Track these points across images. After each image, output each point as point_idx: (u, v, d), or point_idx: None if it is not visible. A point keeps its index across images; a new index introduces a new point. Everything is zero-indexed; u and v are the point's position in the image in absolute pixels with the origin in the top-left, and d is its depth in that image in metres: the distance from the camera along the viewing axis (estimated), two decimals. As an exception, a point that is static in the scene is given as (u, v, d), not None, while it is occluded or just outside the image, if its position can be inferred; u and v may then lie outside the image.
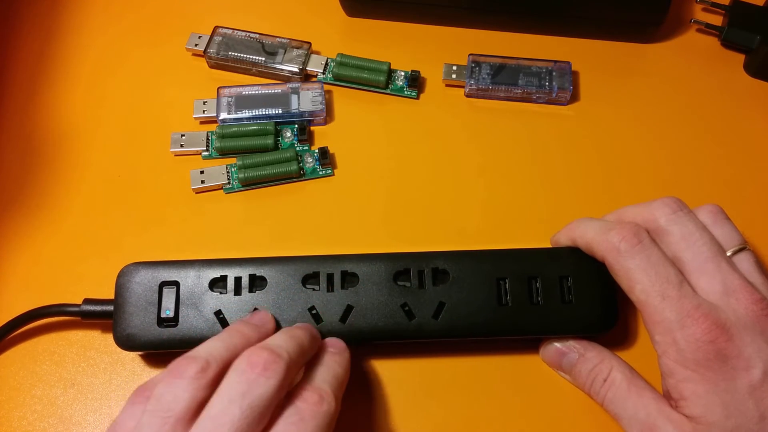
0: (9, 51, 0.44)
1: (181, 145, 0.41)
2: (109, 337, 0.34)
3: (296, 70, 0.42)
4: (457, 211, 0.39)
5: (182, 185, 0.40)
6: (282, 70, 0.43)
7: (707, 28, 0.45)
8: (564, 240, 0.35)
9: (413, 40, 0.45)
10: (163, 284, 0.33)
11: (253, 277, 0.34)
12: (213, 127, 0.41)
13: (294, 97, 0.41)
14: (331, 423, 0.28)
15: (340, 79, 0.43)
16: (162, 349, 0.33)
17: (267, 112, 0.41)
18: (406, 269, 0.34)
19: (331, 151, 0.41)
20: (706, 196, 0.39)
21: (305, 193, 0.40)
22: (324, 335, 0.33)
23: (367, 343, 0.35)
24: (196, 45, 0.43)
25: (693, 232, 0.31)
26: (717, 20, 0.45)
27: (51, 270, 0.38)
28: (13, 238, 0.38)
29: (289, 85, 0.42)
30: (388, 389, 0.35)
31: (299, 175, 0.40)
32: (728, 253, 0.31)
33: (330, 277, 0.34)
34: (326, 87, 0.43)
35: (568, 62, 0.42)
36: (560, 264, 0.34)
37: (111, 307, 0.34)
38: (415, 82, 0.42)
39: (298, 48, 0.43)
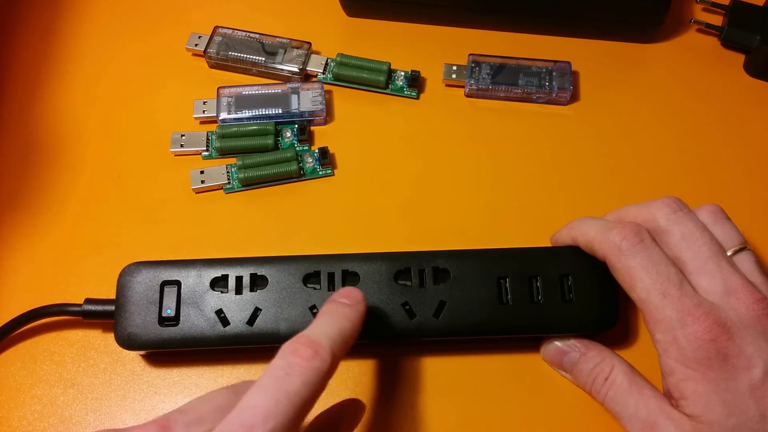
0: (9, 51, 0.44)
1: (181, 145, 0.41)
2: (110, 337, 0.34)
3: (296, 70, 0.42)
4: (458, 211, 0.39)
5: (182, 185, 0.40)
6: (282, 70, 0.43)
7: (707, 28, 0.45)
8: (564, 239, 0.35)
9: (413, 40, 0.45)
10: (165, 283, 0.33)
11: (254, 277, 0.34)
12: (213, 127, 0.41)
13: (294, 97, 0.41)
14: (322, 381, 0.25)
15: (340, 79, 0.43)
16: (163, 348, 0.33)
17: (267, 112, 0.41)
18: (407, 268, 0.34)
19: (331, 151, 0.41)
20: (706, 196, 0.39)
21: (305, 193, 0.40)
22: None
23: (368, 342, 0.35)
24: (196, 45, 0.43)
25: (693, 232, 0.31)
26: (717, 20, 0.45)
27: (51, 270, 0.38)
28: (13, 238, 0.38)
29: (289, 85, 0.42)
30: (388, 388, 0.35)
31: (299, 175, 0.40)
32: (729, 253, 0.31)
33: (331, 277, 0.34)
34: (326, 87, 0.43)
35: (568, 62, 0.42)
36: (561, 263, 0.34)
37: (112, 307, 0.33)
38: (415, 82, 0.42)
39: (298, 48, 0.43)
